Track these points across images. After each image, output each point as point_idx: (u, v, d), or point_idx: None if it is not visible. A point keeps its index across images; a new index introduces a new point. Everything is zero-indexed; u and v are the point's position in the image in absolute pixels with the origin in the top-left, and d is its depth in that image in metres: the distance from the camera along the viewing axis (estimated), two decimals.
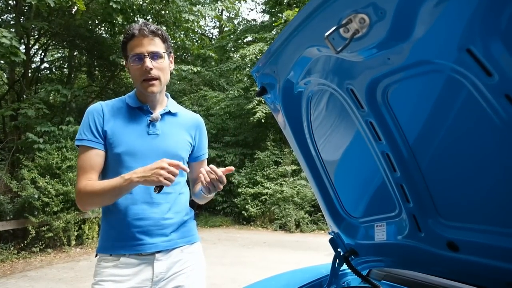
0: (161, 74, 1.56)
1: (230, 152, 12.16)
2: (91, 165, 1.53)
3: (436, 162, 1.13)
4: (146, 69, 1.51)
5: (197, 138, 1.74)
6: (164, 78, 1.59)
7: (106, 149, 1.56)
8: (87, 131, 1.54)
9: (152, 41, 1.53)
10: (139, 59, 1.52)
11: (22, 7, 9.00)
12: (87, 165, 1.53)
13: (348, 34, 0.96)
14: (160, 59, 1.55)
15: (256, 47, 11.24)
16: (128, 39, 1.55)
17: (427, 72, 0.95)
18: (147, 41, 1.52)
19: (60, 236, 7.59)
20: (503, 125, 0.87)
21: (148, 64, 1.51)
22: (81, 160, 1.54)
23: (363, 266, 1.61)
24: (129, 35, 1.54)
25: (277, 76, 1.38)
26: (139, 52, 1.51)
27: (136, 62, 1.53)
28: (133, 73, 1.57)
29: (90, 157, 1.53)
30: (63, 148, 8.00)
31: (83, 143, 1.54)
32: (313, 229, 9.87)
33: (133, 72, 1.56)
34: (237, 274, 5.65)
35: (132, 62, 1.54)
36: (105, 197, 1.48)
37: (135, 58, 1.53)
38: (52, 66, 12.51)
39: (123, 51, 1.60)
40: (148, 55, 1.51)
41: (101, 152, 1.55)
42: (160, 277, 1.53)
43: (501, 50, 0.77)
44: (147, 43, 1.52)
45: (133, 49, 1.53)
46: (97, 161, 1.54)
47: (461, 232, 1.14)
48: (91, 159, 1.53)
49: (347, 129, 1.34)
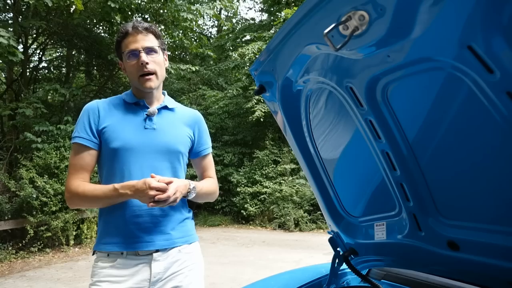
0: (157, 68, 1.57)
1: (229, 151, 12.16)
2: (82, 164, 1.54)
3: (436, 161, 1.12)
4: (142, 64, 1.52)
5: (197, 133, 1.72)
6: (161, 72, 1.60)
7: (100, 147, 1.56)
8: (81, 129, 1.55)
9: (146, 37, 1.56)
10: (135, 55, 1.54)
11: (20, 6, 8.97)
12: (79, 164, 1.54)
13: (348, 32, 0.95)
14: (155, 54, 1.57)
15: (255, 46, 11.23)
16: (122, 38, 1.57)
17: (427, 69, 0.94)
18: (141, 37, 1.54)
19: (59, 236, 7.58)
20: (504, 122, 0.86)
21: (144, 58, 1.52)
22: (73, 158, 1.55)
23: (363, 266, 1.60)
24: (123, 33, 1.56)
25: (275, 74, 1.37)
26: (134, 48, 1.53)
27: (131, 58, 1.54)
28: (129, 70, 1.58)
29: (83, 156, 1.54)
30: (61, 148, 7.99)
31: (76, 141, 1.55)
32: (312, 228, 9.87)
33: (129, 68, 1.57)
34: (236, 274, 5.65)
35: (127, 59, 1.55)
36: (94, 203, 1.54)
37: (130, 54, 1.54)
38: (50, 65, 12.48)
39: (117, 51, 1.62)
40: (143, 50, 1.53)
41: (93, 152, 1.56)
42: (158, 277, 1.52)
43: (503, 47, 0.76)
44: (141, 39, 1.54)
45: (128, 46, 1.54)
46: (88, 161, 1.55)
47: (461, 231, 1.13)
48: (84, 158, 1.54)
49: (347, 127, 1.33)
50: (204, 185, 1.70)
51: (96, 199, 1.50)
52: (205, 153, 1.77)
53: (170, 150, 1.59)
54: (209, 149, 1.79)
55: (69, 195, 1.53)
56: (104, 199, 1.48)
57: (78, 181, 1.52)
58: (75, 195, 1.50)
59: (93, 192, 1.49)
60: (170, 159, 1.59)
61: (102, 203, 1.52)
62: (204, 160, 1.77)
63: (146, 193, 1.39)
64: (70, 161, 1.57)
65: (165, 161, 1.58)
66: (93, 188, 1.50)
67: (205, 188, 1.69)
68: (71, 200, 1.54)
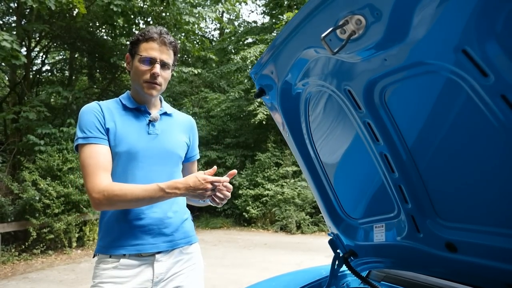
0: (163, 82, 1.59)
1: (231, 153, 12.17)
2: (104, 162, 1.46)
3: (434, 163, 1.13)
4: (154, 74, 1.53)
5: (191, 139, 1.77)
6: (164, 86, 1.63)
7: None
8: (91, 129, 1.48)
9: (168, 51, 1.57)
10: (150, 62, 1.54)
11: (23, 10, 9.03)
12: (100, 162, 1.44)
13: (345, 35, 0.96)
14: (167, 70, 1.59)
15: (257, 49, 11.25)
16: (143, 39, 1.54)
17: (423, 73, 0.96)
18: (164, 49, 1.55)
19: (61, 238, 7.60)
20: (500, 125, 0.87)
21: (157, 70, 1.53)
22: (91, 158, 1.44)
23: (363, 267, 1.61)
24: (147, 36, 1.54)
25: (275, 77, 1.38)
26: (153, 57, 1.53)
27: (145, 64, 1.54)
28: (136, 72, 1.56)
29: (102, 154, 1.47)
30: (64, 150, 8.02)
31: (90, 141, 1.47)
32: (314, 230, 9.86)
33: (138, 72, 1.55)
34: (237, 276, 5.65)
35: (140, 62, 1.54)
36: (133, 203, 1.44)
37: (146, 60, 1.53)
38: (53, 68, 12.55)
39: (132, 48, 1.58)
40: (159, 62, 1.54)
41: (109, 149, 1.50)
42: (160, 278, 1.53)
43: (497, 51, 0.77)
44: (163, 51, 1.55)
45: (147, 51, 1.53)
46: (109, 158, 1.48)
47: (459, 233, 1.14)
48: (105, 156, 1.47)
49: (345, 130, 1.34)
50: None
51: (136, 200, 1.40)
52: (196, 158, 1.84)
53: (172, 154, 1.61)
54: (198, 155, 1.87)
55: (100, 196, 1.39)
56: (147, 199, 1.40)
57: (107, 181, 1.43)
58: (112, 195, 1.39)
59: (132, 191, 1.40)
60: (170, 163, 1.62)
61: (142, 203, 1.44)
62: (193, 165, 1.84)
63: (205, 187, 1.41)
64: (87, 162, 1.44)
65: (166, 165, 1.60)
66: (131, 187, 1.42)
67: None
68: (105, 202, 1.40)
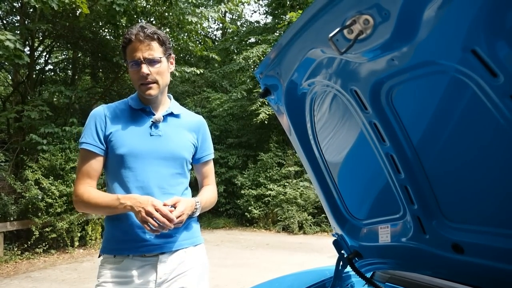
0: (158, 77, 1.57)
1: (233, 153, 12.18)
2: (89, 170, 1.57)
3: (441, 164, 1.12)
4: (143, 75, 1.53)
5: (200, 139, 1.74)
6: (163, 80, 1.60)
7: (107, 152, 1.58)
8: (88, 135, 1.57)
9: (149, 46, 1.53)
10: (136, 64, 1.53)
11: (27, 10, 9.05)
12: (85, 169, 1.57)
13: (352, 35, 0.96)
14: (157, 64, 1.55)
15: (260, 49, 11.25)
16: (126, 44, 1.56)
17: (431, 73, 0.95)
18: (144, 46, 1.52)
19: (64, 237, 7.61)
20: (508, 126, 0.86)
21: (145, 70, 1.52)
22: (81, 163, 1.58)
23: (367, 268, 1.60)
24: (127, 39, 1.54)
25: (280, 77, 1.38)
26: (136, 58, 1.52)
27: (134, 67, 1.55)
28: (132, 77, 1.60)
29: (90, 162, 1.57)
30: (67, 149, 8.03)
31: (84, 146, 1.57)
32: (316, 230, 9.85)
33: (132, 76, 1.59)
34: (240, 276, 5.65)
35: (130, 67, 1.56)
36: (97, 211, 1.57)
37: (132, 63, 1.54)
38: (56, 67, 12.57)
39: (123, 55, 1.62)
40: (144, 61, 1.52)
41: (100, 158, 1.58)
42: (164, 279, 1.53)
43: (506, 51, 0.76)
44: (143, 49, 1.52)
45: (131, 54, 1.54)
46: (95, 166, 1.57)
47: (466, 234, 1.13)
48: (91, 164, 1.57)
49: (351, 130, 1.33)
50: (207, 198, 1.72)
51: (98, 207, 1.53)
52: (207, 159, 1.79)
53: (175, 156, 1.60)
54: (211, 155, 1.81)
55: (75, 199, 1.57)
56: (106, 208, 1.51)
57: (84, 187, 1.55)
58: (80, 201, 1.54)
59: (96, 200, 1.51)
60: (175, 165, 1.61)
61: (104, 212, 1.56)
62: (205, 166, 1.79)
63: (144, 208, 1.40)
64: (78, 166, 1.60)
65: (170, 167, 1.59)
66: (97, 196, 1.53)
67: (208, 202, 1.72)
68: (77, 205, 1.58)
